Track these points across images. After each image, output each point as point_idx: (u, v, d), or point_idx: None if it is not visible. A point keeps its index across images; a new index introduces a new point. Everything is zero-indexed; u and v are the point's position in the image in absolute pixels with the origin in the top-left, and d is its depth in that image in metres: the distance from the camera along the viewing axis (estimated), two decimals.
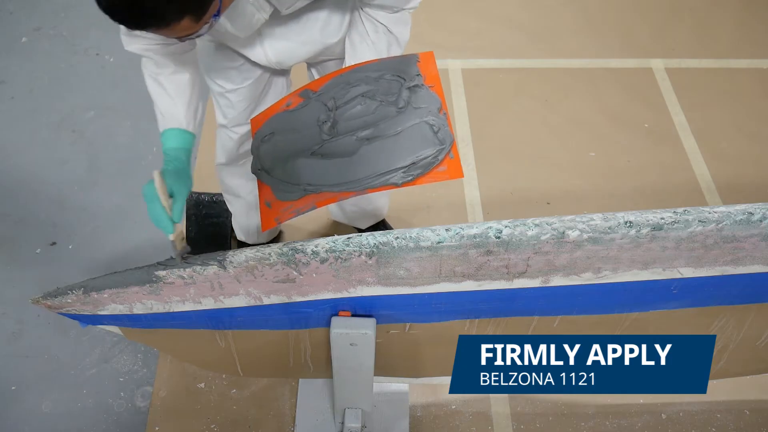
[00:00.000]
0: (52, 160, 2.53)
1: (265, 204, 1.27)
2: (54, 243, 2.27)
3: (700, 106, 2.77)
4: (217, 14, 1.09)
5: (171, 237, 1.22)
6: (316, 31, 1.48)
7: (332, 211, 2.21)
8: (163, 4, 0.98)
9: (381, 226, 2.21)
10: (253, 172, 1.31)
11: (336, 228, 2.29)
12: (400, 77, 1.28)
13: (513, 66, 2.93)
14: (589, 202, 2.43)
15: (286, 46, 1.49)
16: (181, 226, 1.25)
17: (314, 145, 1.25)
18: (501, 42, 3.02)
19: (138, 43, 1.32)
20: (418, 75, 1.28)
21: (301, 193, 1.22)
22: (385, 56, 1.38)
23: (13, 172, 2.49)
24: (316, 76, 1.70)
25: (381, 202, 2.10)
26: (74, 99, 2.75)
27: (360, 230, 2.20)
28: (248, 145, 1.81)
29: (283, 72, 1.70)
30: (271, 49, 1.49)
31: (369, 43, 1.41)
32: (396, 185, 1.19)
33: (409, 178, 1.18)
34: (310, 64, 1.66)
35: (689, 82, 2.87)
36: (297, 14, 1.43)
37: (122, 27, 1.26)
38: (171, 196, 1.23)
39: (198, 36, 1.11)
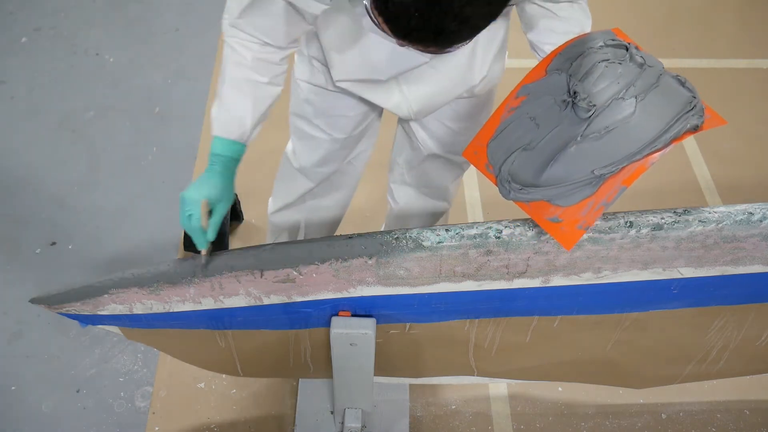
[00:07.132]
0: (52, 160, 2.53)
1: (550, 221, 1.11)
2: (54, 243, 2.27)
3: None
4: None
5: (203, 252, 1.22)
6: (462, 70, 1.34)
7: None
8: (465, 35, 0.91)
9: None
10: (509, 197, 1.14)
11: None
12: (616, 41, 1.16)
13: (514, 66, 2.92)
14: None
15: (429, 91, 1.33)
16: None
17: (579, 128, 1.09)
18: None
19: (250, 42, 1.19)
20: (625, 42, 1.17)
21: (596, 183, 1.08)
22: (587, 30, 1.26)
23: (13, 172, 2.49)
24: (406, 130, 1.60)
25: None
26: (74, 99, 2.75)
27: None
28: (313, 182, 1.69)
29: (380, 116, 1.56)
30: (414, 97, 1.33)
31: (562, 19, 1.30)
32: (697, 128, 1.08)
33: (701, 121, 1.08)
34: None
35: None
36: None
37: (233, 13, 1.15)
38: (211, 210, 1.20)
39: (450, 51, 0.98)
